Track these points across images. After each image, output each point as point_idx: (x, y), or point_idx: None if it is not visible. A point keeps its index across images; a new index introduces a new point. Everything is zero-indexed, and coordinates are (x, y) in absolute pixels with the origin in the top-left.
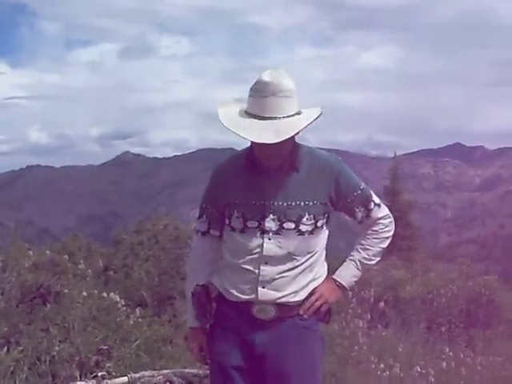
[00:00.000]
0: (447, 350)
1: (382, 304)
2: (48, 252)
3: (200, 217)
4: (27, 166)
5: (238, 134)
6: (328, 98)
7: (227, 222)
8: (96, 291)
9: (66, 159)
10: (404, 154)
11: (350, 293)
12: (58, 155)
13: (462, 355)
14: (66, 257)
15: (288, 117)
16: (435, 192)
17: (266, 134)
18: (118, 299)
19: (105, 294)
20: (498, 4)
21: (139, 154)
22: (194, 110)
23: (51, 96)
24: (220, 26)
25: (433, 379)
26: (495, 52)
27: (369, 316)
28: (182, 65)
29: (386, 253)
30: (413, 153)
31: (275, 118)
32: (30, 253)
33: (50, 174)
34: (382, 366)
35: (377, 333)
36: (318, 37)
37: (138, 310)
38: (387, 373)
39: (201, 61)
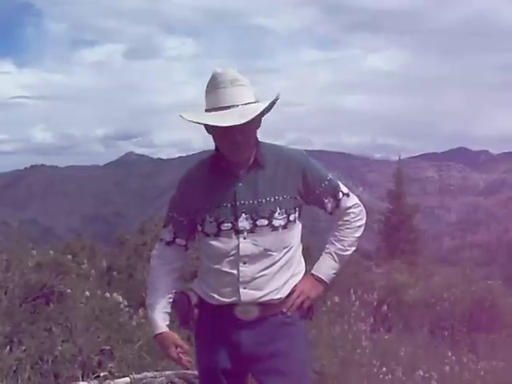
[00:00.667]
0: (450, 354)
1: (384, 307)
2: (51, 252)
3: (166, 226)
4: (31, 166)
5: (207, 124)
6: (333, 100)
7: (200, 228)
8: (99, 291)
9: (70, 159)
10: (408, 158)
11: (353, 296)
12: (62, 155)
13: (464, 359)
14: (70, 257)
15: (248, 104)
16: (439, 196)
17: (231, 118)
18: (121, 300)
19: (108, 295)
20: (504, 9)
21: (143, 155)
22: (198, 111)
23: (56, 96)
24: (225, 28)
25: (436, 383)
26: (501, 56)
27: (372, 319)
28: (187, 66)
29: (390, 256)
30: (417, 156)
31: (236, 105)
32: (34, 252)
33: (54, 173)
34: (384, 369)
35: (379, 336)
36: (323, 39)
37: (140, 311)
38: (389, 376)
39: (206, 62)
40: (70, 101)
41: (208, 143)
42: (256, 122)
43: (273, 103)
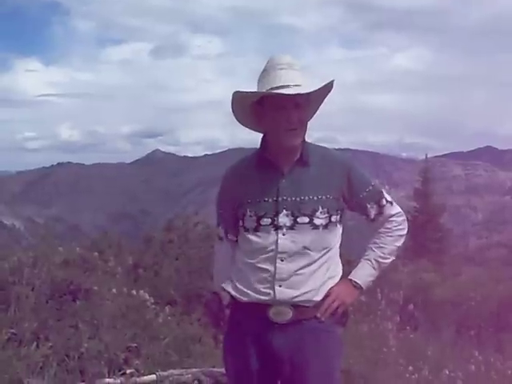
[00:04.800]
0: (476, 353)
1: (411, 306)
2: (78, 249)
3: (218, 224)
4: (58, 163)
5: (269, 93)
6: (359, 99)
7: (240, 223)
8: (125, 289)
9: (97, 157)
10: (435, 157)
11: (380, 295)
12: (89, 152)
13: (491, 359)
14: (96, 254)
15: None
16: (466, 195)
17: (298, 89)
18: (148, 297)
19: (134, 292)
20: None
21: (170, 153)
22: (224, 109)
23: (83, 94)
24: (252, 27)
25: (461, 382)
26: None
27: (398, 318)
28: (213, 64)
29: (416, 255)
30: (443, 155)
31: (295, 85)
32: (60, 249)
33: (80, 171)
34: (410, 368)
35: (406, 335)
36: (348, 38)
37: (167, 308)
38: (416, 375)
39: (232, 60)
40: (97, 98)
41: (234, 142)
42: (311, 107)
43: (331, 85)
